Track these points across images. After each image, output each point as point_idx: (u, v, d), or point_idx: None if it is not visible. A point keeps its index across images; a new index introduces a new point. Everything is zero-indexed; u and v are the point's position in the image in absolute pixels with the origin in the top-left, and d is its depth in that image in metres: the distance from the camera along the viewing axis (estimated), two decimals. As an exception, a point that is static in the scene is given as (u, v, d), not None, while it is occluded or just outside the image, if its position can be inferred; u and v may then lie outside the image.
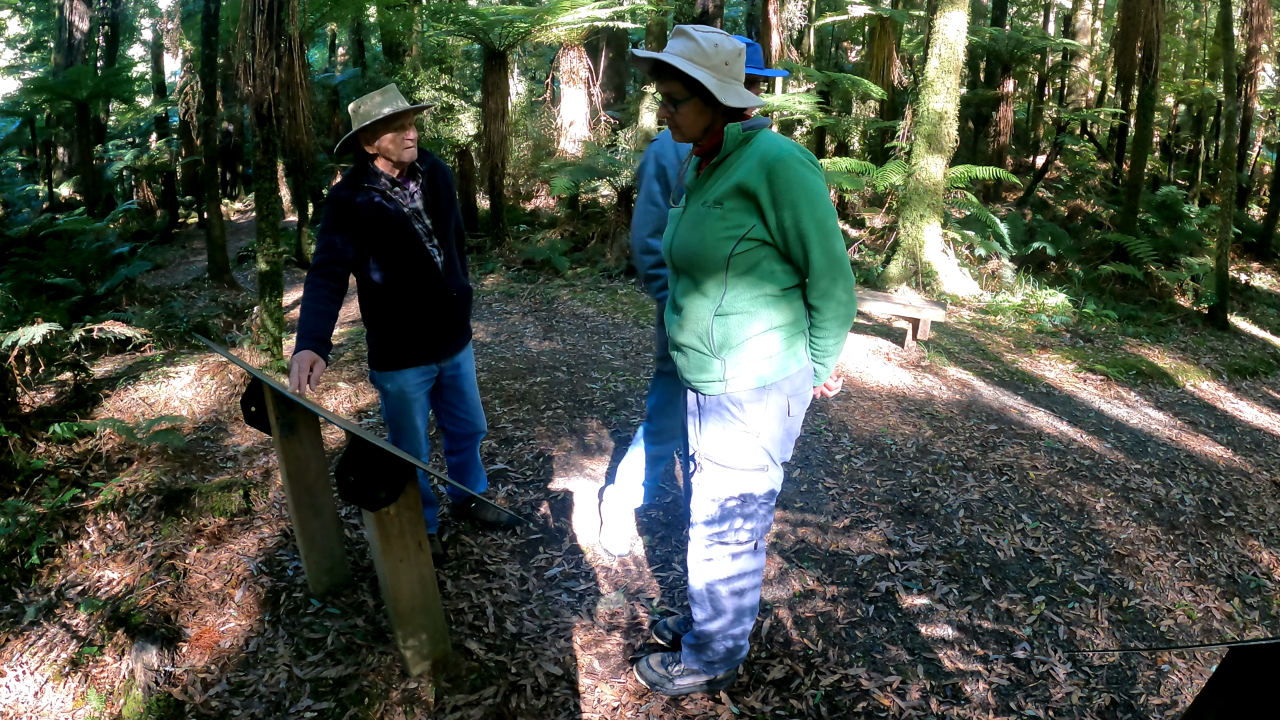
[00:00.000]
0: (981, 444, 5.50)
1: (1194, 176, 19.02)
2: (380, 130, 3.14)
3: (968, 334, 8.68)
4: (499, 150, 11.18)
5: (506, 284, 9.30)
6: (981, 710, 3.00)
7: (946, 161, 10.19)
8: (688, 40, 2.34)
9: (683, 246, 2.50)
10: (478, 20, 10.55)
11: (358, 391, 5.50)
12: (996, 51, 16.00)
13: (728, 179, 2.40)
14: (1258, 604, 4.05)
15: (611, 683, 2.98)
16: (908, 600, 3.63)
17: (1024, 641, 3.43)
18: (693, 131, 2.45)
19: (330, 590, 3.34)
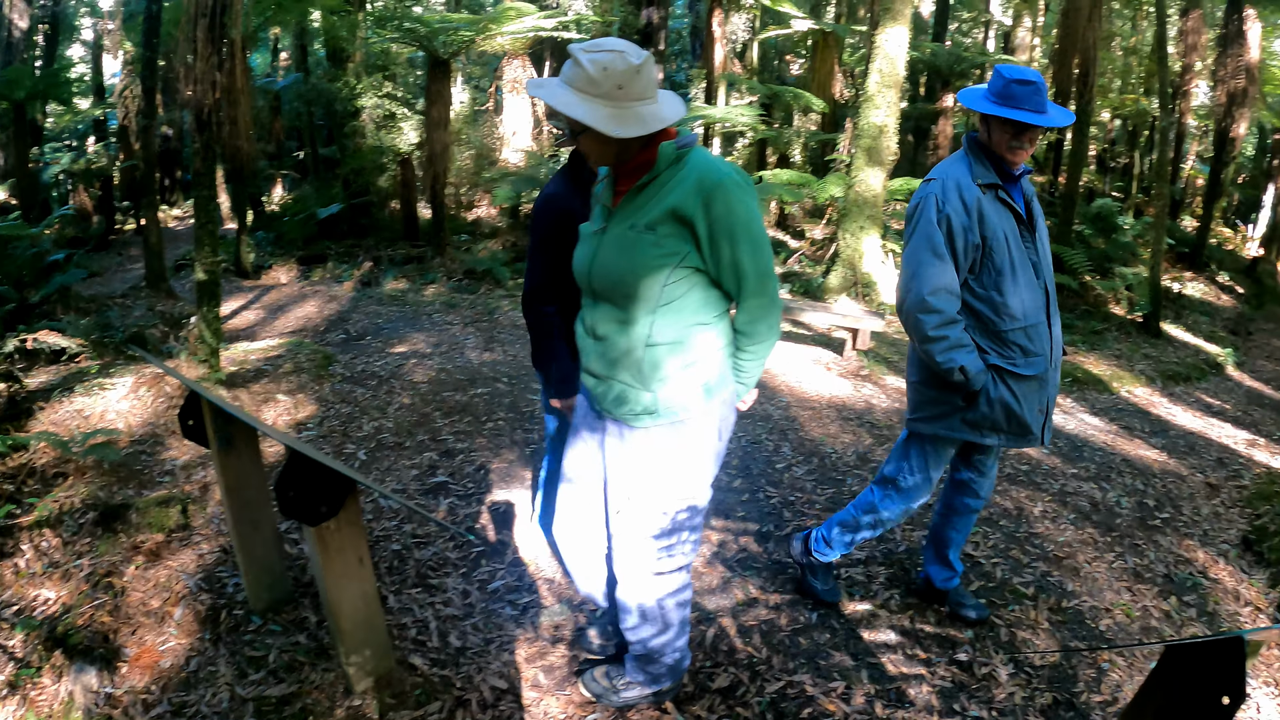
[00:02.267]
0: None
1: (1129, 189, 19.67)
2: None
3: (906, 343, 8.80)
4: (441, 159, 11.12)
5: (448, 294, 9.25)
6: (926, 713, 3.06)
7: (886, 174, 10.36)
8: (576, 67, 2.20)
9: (607, 272, 2.35)
10: (422, 28, 10.49)
11: (297, 404, 5.44)
12: (937, 67, 16.32)
13: (661, 202, 2.28)
14: (1194, 601, 4.18)
15: (557, 695, 2.98)
16: (850, 606, 3.69)
17: (966, 644, 3.50)
18: (601, 160, 2.36)
19: (271, 607, 3.29)
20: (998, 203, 2.99)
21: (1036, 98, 2.87)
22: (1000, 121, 2.94)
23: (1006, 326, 2.99)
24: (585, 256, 2.44)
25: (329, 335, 7.40)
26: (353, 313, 8.18)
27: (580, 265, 2.46)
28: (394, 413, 5.46)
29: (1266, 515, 5.38)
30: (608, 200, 2.41)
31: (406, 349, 6.88)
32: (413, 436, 5.10)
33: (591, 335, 2.47)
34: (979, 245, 2.96)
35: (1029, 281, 3.01)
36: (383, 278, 10.38)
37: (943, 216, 2.95)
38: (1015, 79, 2.88)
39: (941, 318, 2.94)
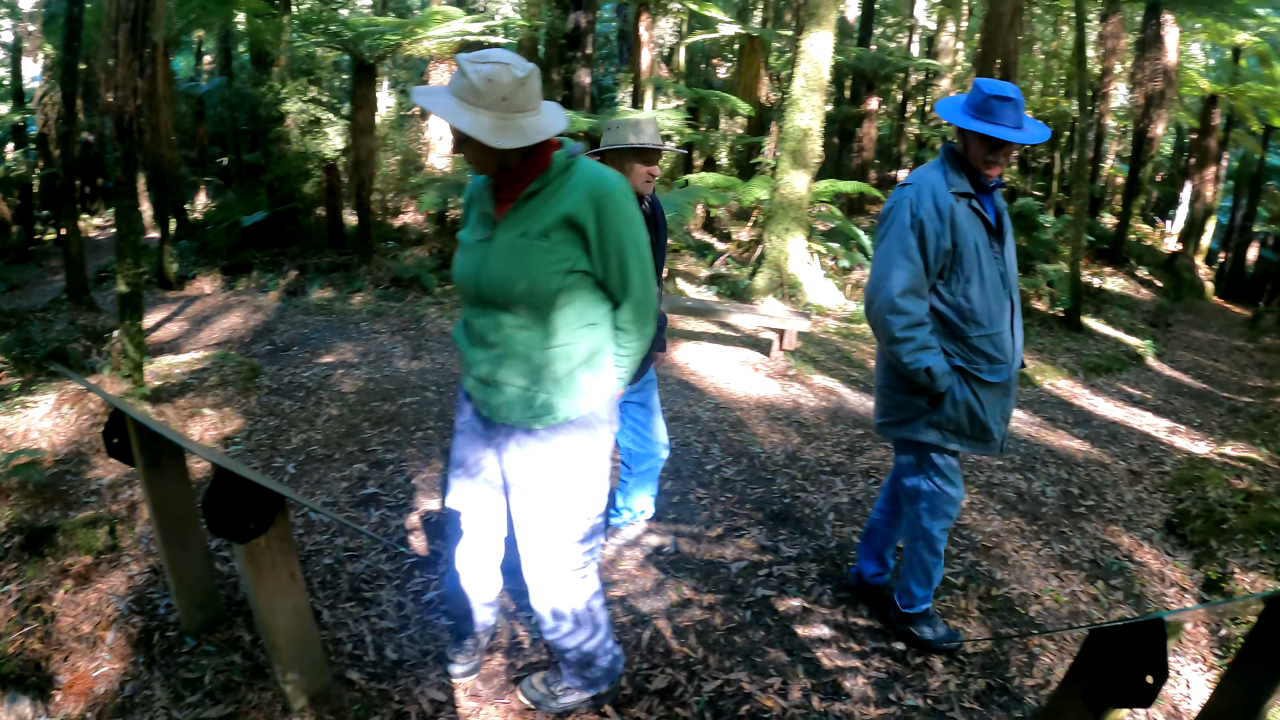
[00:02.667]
0: (849, 448, 5.75)
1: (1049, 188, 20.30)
2: (630, 158, 3.23)
3: (833, 342, 9.01)
4: (367, 165, 11.00)
5: (374, 302, 9.17)
6: (862, 704, 3.16)
7: (811, 176, 10.53)
8: (461, 78, 2.23)
9: (500, 279, 2.39)
10: (348, 31, 10.37)
11: (223, 418, 5.37)
12: (861, 70, 16.64)
13: (553, 210, 2.35)
14: (1121, 585, 4.37)
15: (496, 704, 3.00)
16: (783, 603, 3.78)
17: (899, 636, 3.60)
18: (485, 169, 2.39)
19: (204, 627, 3.25)
20: (970, 212, 3.03)
21: (1014, 113, 2.92)
22: (977, 135, 2.98)
23: (973, 333, 3.05)
24: (471, 265, 2.46)
25: (255, 346, 7.30)
26: (279, 323, 8.08)
27: (466, 274, 2.48)
28: (322, 424, 5.42)
29: (1188, 499, 5.62)
30: (490, 209, 2.44)
31: (334, 359, 6.82)
32: (342, 448, 5.07)
33: (481, 343, 2.51)
34: (949, 251, 3.01)
35: (996, 290, 3.06)
36: (309, 286, 10.25)
37: (916, 221, 3.00)
38: (994, 94, 2.91)
39: (910, 319, 3.00)
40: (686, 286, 10.90)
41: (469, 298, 2.50)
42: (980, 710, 3.20)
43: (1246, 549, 4.84)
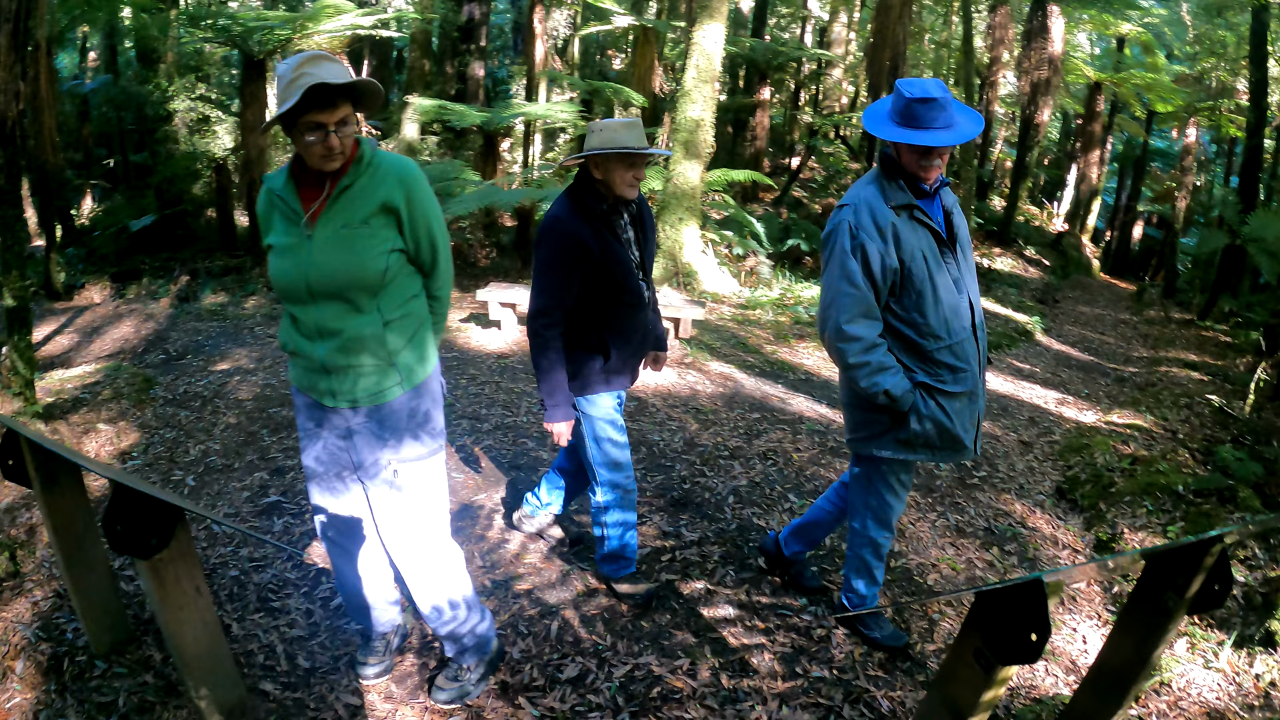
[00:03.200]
0: (746, 432, 5.88)
1: (940, 172, 20.81)
2: (614, 161, 3.18)
3: (728, 329, 9.16)
4: (258, 164, 10.75)
5: (269, 305, 8.98)
6: (770, 679, 3.28)
7: (704, 166, 10.66)
8: (334, 64, 2.36)
9: (331, 272, 2.48)
10: (236, 26, 10.09)
11: (119, 433, 5.23)
12: (755, 60, 16.83)
13: (369, 199, 2.51)
14: (1015, 550, 4.60)
15: (411, 704, 3.04)
16: (688, 586, 3.88)
17: (802, 610, 3.75)
18: (348, 157, 2.50)
19: (114, 648, 3.19)
20: (913, 222, 2.96)
21: (941, 113, 2.83)
22: (904, 144, 2.90)
23: (931, 346, 3.00)
24: (295, 265, 2.50)
25: (148, 356, 7.10)
26: (171, 331, 7.87)
27: (292, 274, 2.51)
28: (220, 434, 5.33)
29: (1077, 466, 5.92)
30: (297, 208, 2.50)
31: (229, 366, 6.68)
32: (241, 457, 4.99)
33: (319, 336, 2.57)
34: (897, 269, 2.94)
35: (951, 299, 2.99)
36: (201, 291, 9.99)
37: (857, 245, 2.94)
38: (915, 98, 2.82)
39: (861, 344, 2.98)
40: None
41: (297, 296, 2.55)
42: (885, 677, 3.36)
43: (1134, 510, 5.13)
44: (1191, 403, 8.31)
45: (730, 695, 3.17)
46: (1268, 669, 3.63)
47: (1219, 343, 12.55)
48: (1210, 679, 3.59)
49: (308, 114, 2.32)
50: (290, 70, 2.30)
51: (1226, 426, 7.55)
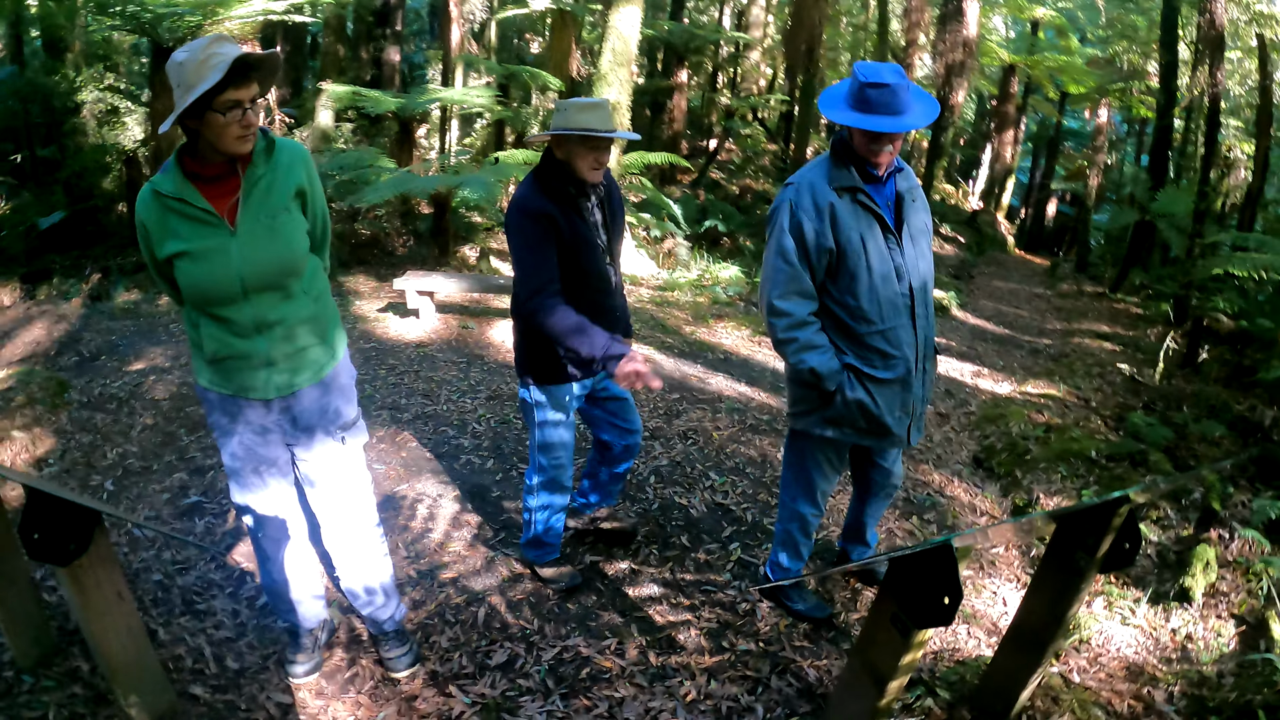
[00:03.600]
0: (666, 413, 5.93)
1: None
2: (576, 144, 3.10)
3: (647, 311, 9.21)
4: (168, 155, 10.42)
5: (188, 302, 8.77)
6: (697, 654, 3.33)
7: (620, 150, 10.67)
8: (234, 44, 2.34)
9: (263, 263, 2.48)
10: (146, 13, 9.74)
11: (34, 439, 5.07)
12: (672, 43, 16.85)
13: (284, 185, 2.54)
14: (934, 518, 4.72)
15: (342, 699, 3.03)
16: (612, 567, 3.92)
17: (726, 586, 3.81)
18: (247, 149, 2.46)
19: (40, 662, 3.08)
20: (856, 205, 2.95)
21: (893, 99, 2.80)
22: (856, 128, 2.89)
23: (862, 330, 3.01)
24: (223, 264, 2.45)
25: (61, 359, 6.88)
26: (84, 331, 7.63)
27: (220, 275, 2.45)
28: (138, 435, 5.20)
29: (993, 435, 6.09)
30: (204, 207, 2.43)
31: (144, 365, 6.51)
32: (160, 458, 4.88)
33: (258, 332, 2.55)
34: (832, 249, 2.95)
35: (888, 285, 2.99)
36: (113, 290, 9.69)
37: (794, 222, 2.96)
38: (869, 82, 2.80)
39: (790, 320, 3.01)
40: (500, 264, 10.88)
41: (227, 297, 2.48)
42: (810, 647, 3.44)
43: (1049, 476, 5.31)
44: (1104, 372, 8.61)
45: (659, 672, 3.22)
46: (1183, 623, 3.79)
47: (1130, 314, 12.98)
48: (1128, 635, 3.73)
49: (224, 93, 2.27)
50: (198, 52, 2.24)
51: (1138, 394, 7.85)
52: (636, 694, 3.08)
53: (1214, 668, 3.45)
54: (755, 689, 3.17)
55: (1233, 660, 3.48)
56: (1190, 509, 4.81)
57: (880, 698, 2.36)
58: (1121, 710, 3.17)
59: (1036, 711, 3.05)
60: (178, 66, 2.26)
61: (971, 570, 4.22)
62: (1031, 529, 3.17)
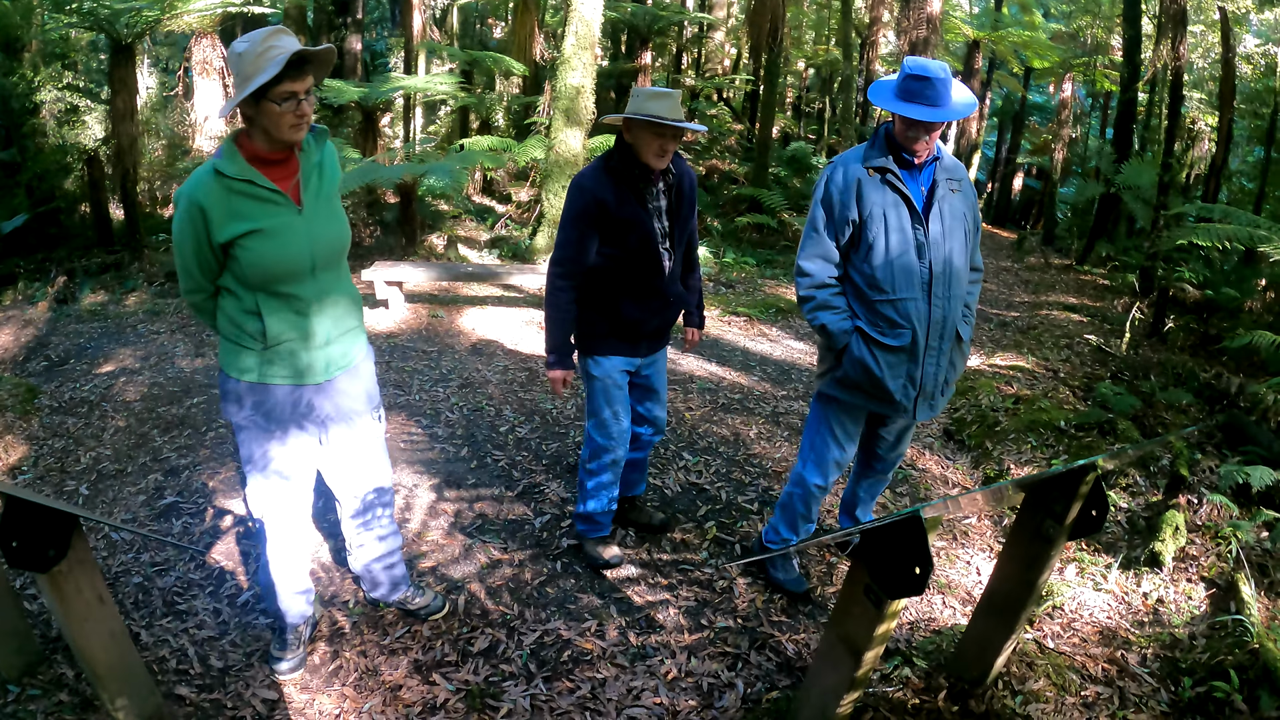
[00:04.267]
0: None
1: (822, 131, 21.24)
2: (642, 129, 3.19)
3: None
4: (130, 154, 10.31)
5: (150, 301, 8.65)
6: (677, 633, 3.39)
7: (585, 133, 10.63)
8: (291, 35, 2.47)
9: (330, 243, 2.68)
10: (103, 9, 9.60)
11: (6, 447, 5.02)
12: (636, 25, 16.76)
13: (331, 169, 2.72)
14: (907, 491, 4.80)
15: (327, 692, 3.04)
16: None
17: (703, 564, 3.86)
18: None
19: (25, 671, 3.07)
20: (884, 185, 3.14)
21: (930, 92, 2.99)
22: (899, 115, 3.08)
23: (874, 297, 3.17)
24: (296, 242, 2.58)
25: (30, 365, 6.80)
26: (52, 335, 7.54)
27: (293, 252, 2.58)
28: (110, 438, 5.16)
29: (963, 408, 6.15)
30: (269, 187, 2.53)
31: (114, 367, 6.46)
32: (134, 460, 4.85)
33: (320, 309, 2.71)
34: (855, 220, 3.16)
35: (904, 259, 3.13)
36: (79, 292, 9.57)
37: (826, 195, 3.22)
38: (913, 74, 3.01)
39: (812, 280, 3.26)
40: (468, 252, 10.84)
41: (298, 274, 2.61)
42: (788, 621, 3.51)
43: (1019, 447, 5.38)
44: (1072, 343, 8.71)
45: (639, 652, 3.27)
46: (1154, 587, 3.88)
47: (1097, 286, 13.12)
48: (1101, 600, 3.81)
49: (281, 84, 2.37)
50: (257, 45, 2.35)
51: (1105, 364, 7.94)
52: (618, 674, 3.13)
53: (1185, 630, 3.53)
54: (735, 664, 3.23)
55: (1203, 622, 3.56)
56: (1159, 476, 4.90)
57: (857, 668, 2.41)
58: (1095, 673, 3.25)
59: (1012, 677, 3.12)
60: (236, 57, 2.38)
61: (945, 541, 4.29)
62: (1001, 498, 3.22)
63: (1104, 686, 3.18)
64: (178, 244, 2.55)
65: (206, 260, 2.56)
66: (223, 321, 2.68)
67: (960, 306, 3.28)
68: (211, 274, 2.60)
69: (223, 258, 2.55)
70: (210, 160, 2.50)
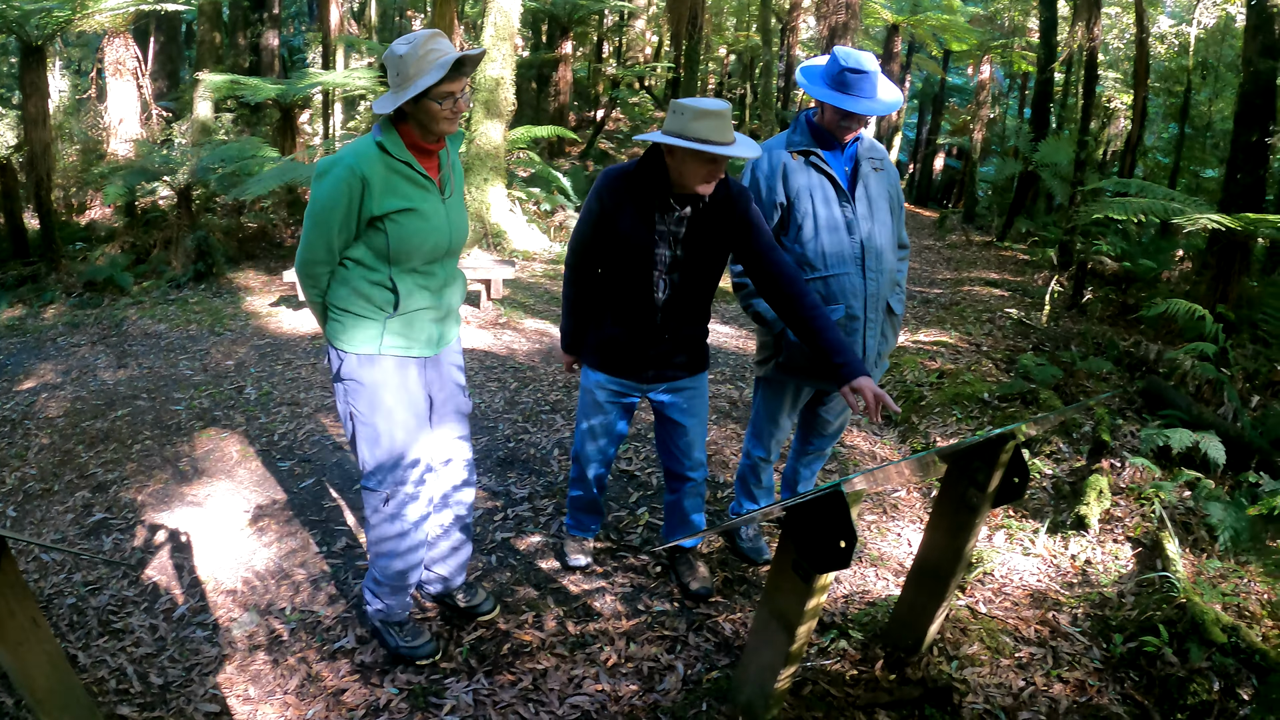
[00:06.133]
0: (565, 385, 6.04)
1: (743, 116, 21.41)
2: (689, 155, 2.80)
3: (541, 285, 9.29)
4: (44, 160, 9.97)
5: (69, 313, 8.40)
6: (615, 619, 3.42)
7: (506, 125, 10.62)
8: (445, 38, 2.60)
9: (462, 231, 2.88)
10: (12, 10, 9.26)
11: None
12: (556, 15, 16.73)
13: (459, 166, 2.91)
14: (836, 468, 4.93)
15: (270, 701, 3.01)
16: (523, 542, 3.99)
17: (638, 551, 3.92)
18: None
19: None
20: (809, 166, 3.28)
21: (866, 85, 3.13)
22: (832, 105, 3.18)
23: (808, 275, 3.26)
24: (440, 224, 2.75)
25: (-55, 384, 6.61)
26: (-32, 354, 7.32)
27: (438, 233, 2.74)
28: (35, 457, 5.03)
29: (889, 384, 6.30)
30: (420, 171, 2.69)
31: (35, 383, 6.28)
32: (60, 478, 4.74)
33: (445, 286, 2.90)
34: (782, 203, 3.29)
35: (834, 236, 3.24)
36: (-5, 307, 9.29)
37: (754, 181, 3.34)
38: (849, 68, 3.12)
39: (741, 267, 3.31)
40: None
41: (437, 254, 2.80)
42: (724, 601, 3.57)
43: (945, 420, 5.52)
44: (994, 317, 8.93)
45: (578, 640, 3.30)
46: (1081, 549, 4.03)
47: (1017, 261, 13.44)
48: (1030, 564, 3.95)
49: (442, 85, 2.53)
50: (418, 48, 2.51)
51: (1026, 336, 8.16)
52: (559, 664, 3.15)
53: (1114, 589, 3.68)
54: (674, 647, 3.27)
55: (1131, 581, 3.71)
56: (1082, 442, 5.07)
57: (791, 643, 2.46)
58: (1028, 635, 3.36)
59: (947, 643, 3.23)
60: (398, 59, 2.52)
61: (876, 515, 4.39)
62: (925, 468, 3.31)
63: (1037, 647, 3.29)
64: (323, 210, 2.62)
65: (349, 230, 2.67)
66: (342, 294, 2.76)
67: (889, 280, 3.40)
68: (345, 245, 2.71)
69: (364, 230, 2.67)
70: (369, 136, 2.66)
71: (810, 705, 2.85)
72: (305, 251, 2.70)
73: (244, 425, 5.29)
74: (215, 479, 4.64)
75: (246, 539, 3.99)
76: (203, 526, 4.16)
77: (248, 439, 5.09)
